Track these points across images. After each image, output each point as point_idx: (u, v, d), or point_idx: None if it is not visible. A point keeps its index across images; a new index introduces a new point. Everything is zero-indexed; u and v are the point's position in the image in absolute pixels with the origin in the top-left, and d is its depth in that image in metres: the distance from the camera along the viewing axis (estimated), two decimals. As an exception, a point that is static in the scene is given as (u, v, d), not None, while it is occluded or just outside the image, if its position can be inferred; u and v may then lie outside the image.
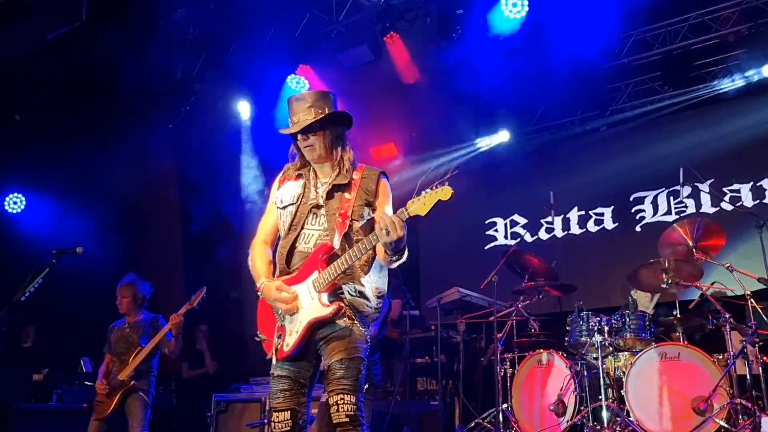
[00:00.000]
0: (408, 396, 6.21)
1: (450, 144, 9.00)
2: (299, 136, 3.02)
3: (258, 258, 3.10)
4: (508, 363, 5.80)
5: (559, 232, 8.51)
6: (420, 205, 2.69)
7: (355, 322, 2.86)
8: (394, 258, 2.80)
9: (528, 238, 8.50)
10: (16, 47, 6.77)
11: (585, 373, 5.19)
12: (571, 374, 5.21)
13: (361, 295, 2.90)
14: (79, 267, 5.37)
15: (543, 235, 8.62)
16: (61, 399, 6.33)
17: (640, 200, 8.05)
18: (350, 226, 2.94)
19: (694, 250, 5.39)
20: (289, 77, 8.25)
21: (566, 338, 5.58)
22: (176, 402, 7.50)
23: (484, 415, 5.86)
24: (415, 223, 9.50)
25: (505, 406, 5.56)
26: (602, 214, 8.28)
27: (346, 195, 3.00)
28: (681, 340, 5.17)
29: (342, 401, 2.74)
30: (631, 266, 5.59)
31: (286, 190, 3.12)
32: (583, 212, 8.39)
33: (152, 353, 5.17)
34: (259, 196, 8.46)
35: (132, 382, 5.02)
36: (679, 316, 5.34)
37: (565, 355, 5.46)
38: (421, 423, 5.87)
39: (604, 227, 8.25)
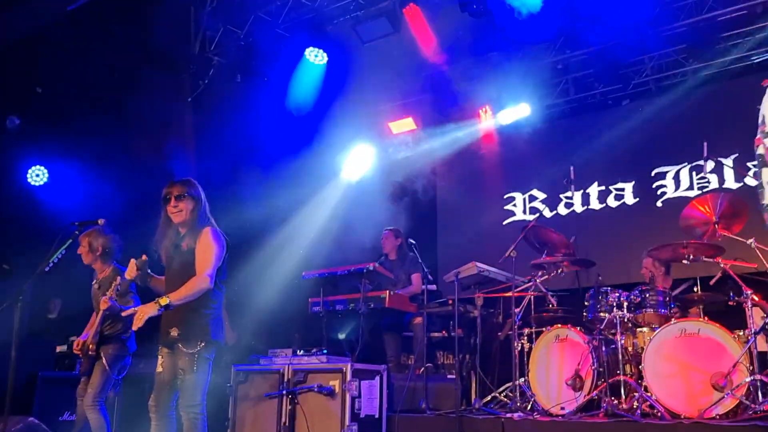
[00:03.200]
0: (425, 370, 6.23)
1: (469, 117, 8.93)
2: None
3: None
4: (526, 338, 5.81)
5: (578, 208, 8.45)
6: None
7: None
8: None
9: (547, 213, 8.44)
10: (37, 20, 6.79)
11: (603, 349, 5.18)
12: (588, 349, 5.21)
13: None
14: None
15: (562, 210, 8.57)
16: (84, 368, 6.44)
17: (662, 175, 7.96)
18: None
19: (716, 226, 5.33)
20: (308, 50, 8.22)
21: (584, 314, 5.57)
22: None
23: (501, 389, 5.88)
24: (432, 196, 9.50)
25: (522, 380, 5.58)
26: (623, 189, 8.19)
27: None
28: (701, 316, 5.13)
29: None
30: (652, 242, 5.54)
31: None
32: (603, 187, 8.31)
33: (114, 316, 4.85)
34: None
35: (93, 349, 4.78)
36: (699, 292, 5.31)
37: (582, 330, 5.45)
38: (438, 397, 5.90)
39: (624, 202, 8.18)
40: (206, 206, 4.10)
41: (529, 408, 5.44)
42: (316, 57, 8.30)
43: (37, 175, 7.84)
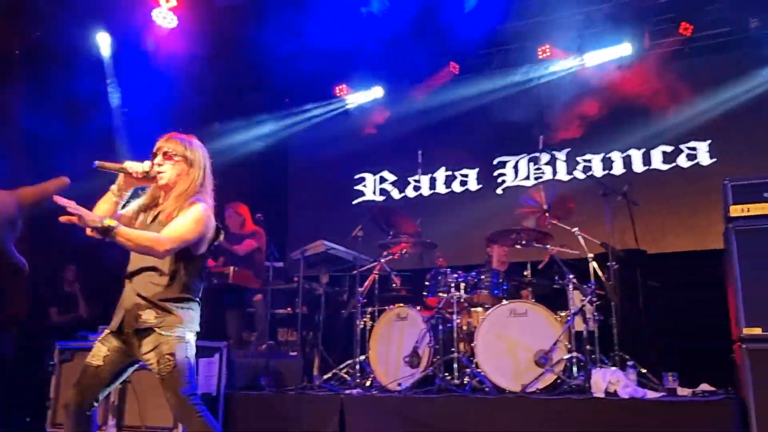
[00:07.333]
0: (267, 347, 6.18)
1: (321, 99, 8.93)
2: None
3: None
4: (369, 316, 5.92)
5: (425, 191, 8.71)
6: None
7: None
8: None
9: (396, 194, 8.65)
10: None
11: (440, 327, 5.39)
12: (426, 327, 5.39)
13: None
14: None
15: (410, 192, 8.80)
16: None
17: (503, 164, 8.38)
18: None
19: (546, 214, 5.71)
20: (155, 11, 7.74)
21: (425, 293, 5.77)
22: (16, 350, 7.01)
23: (342, 366, 5.96)
24: (284, 174, 9.39)
25: (362, 357, 5.68)
26: (467, 176, 8.55)
27: None
28: (529, 298, 5.49)
29: None
30: (492, 227, 5.84)
31: None
32: (449, 172, 8.62)
33: None
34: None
35: None
36: (529, 275, 5.67)
37: (423, 309, 5.64)
38: (280, 373, 5.88)
39: (468, 188, 8.53)
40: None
41: (368, 384, 5.56)
42: (164, 19, 7.81)
43: None
